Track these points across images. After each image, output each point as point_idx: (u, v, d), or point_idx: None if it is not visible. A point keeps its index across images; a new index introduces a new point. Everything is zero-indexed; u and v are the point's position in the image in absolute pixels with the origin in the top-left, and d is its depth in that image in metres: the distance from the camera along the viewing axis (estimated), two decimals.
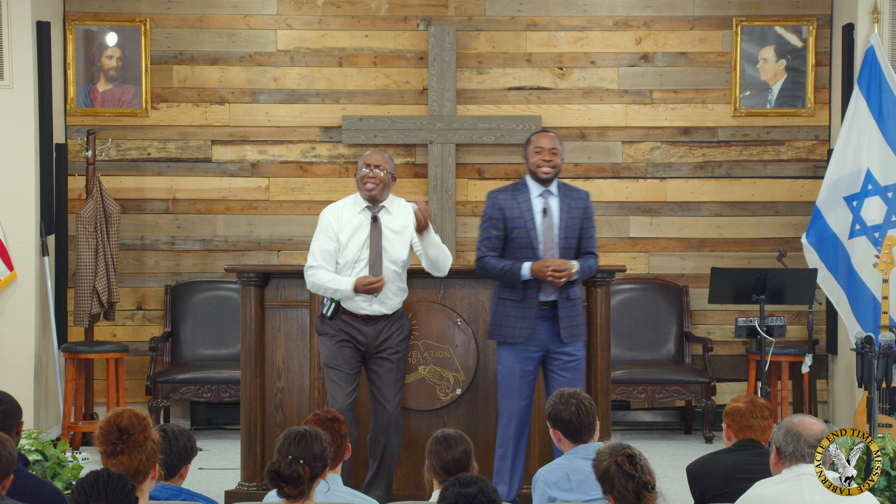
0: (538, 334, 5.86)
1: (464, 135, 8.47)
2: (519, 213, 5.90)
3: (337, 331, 5.92)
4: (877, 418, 5.98)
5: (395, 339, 5.93)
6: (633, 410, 8.68)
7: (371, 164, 5.95)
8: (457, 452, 4.27)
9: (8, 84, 7.85)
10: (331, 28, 8.61)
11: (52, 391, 8.17)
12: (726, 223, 8.63)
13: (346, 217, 5.97)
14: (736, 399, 4.77)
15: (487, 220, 5.96)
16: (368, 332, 5.91)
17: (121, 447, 3.65)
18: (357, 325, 5.91)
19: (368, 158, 5.99)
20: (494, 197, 5.99)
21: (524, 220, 5.88)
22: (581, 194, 6.02)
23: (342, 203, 6.05)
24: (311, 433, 3.91)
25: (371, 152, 6.03)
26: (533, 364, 5.89)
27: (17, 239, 7.88)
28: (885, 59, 7.78)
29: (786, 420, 4.12)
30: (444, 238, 8.43)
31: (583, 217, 5.95)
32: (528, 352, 5.87)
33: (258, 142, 8.61)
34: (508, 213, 5.91)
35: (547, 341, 5.87)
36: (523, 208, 5.90)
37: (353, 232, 5.93)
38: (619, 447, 3.79)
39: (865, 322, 7.55)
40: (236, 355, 7.43)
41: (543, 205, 5.89)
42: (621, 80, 8.62)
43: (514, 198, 5.93)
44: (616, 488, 3.73)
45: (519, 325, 5.86)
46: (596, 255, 6.01)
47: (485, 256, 5.94)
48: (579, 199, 5.98)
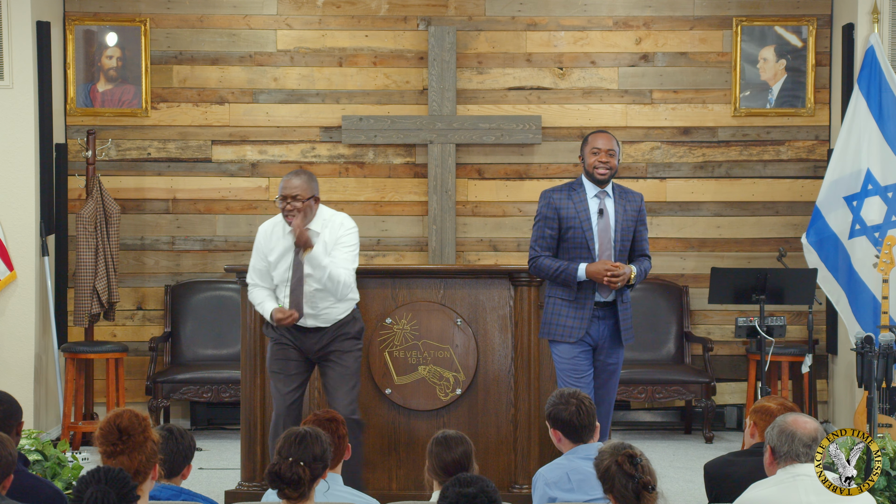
0: (593, 333, 5.82)
1: (464, 135, 8.47)
2: (575, 213, 5.83)
3: (280, 335, 5.92)
4: (877, 418, 5.98)
5: (338, 344, 5.87)
6: (633, 410, 8.68)
7: (287, 197, 5.78)
8: (457, 454, 4.27)
9: (8, 84, 7.85)
10: (331, 28, 8.61)
11: (52, 391, 8.17)
12: (726, 223, 8.63)
13: (276, 238, 5.90)
14: (767, 398, 4.73)
15: (542, 220, 5.88)
16: (308, 339, 5.88)
17: (120, 448, 3.65)
18: (298, 333, 5.89)
19: (285, 188, 5.80)
20: (549, 196, 5.90)
21: (580, 221, 5.82)
22: (635, 196, 5.97)
23: (272, 222, 5.96)
24: (312, 434, 3.90)
25: (287, 179, 5.83)
26: (587, 359, 5.82)
27: (17, 239, 7.88)
28: (885, 59, 7.78)
29: (779, 419, 4.09)
30: (444, 238, 8.45)
31: (637, 219, 5.92)
32: (582, 346, 5.80)
33: (258, 142, 8.61)
34: (564, 213, 5.84)
35: (597, 341, 5.83)
36: (579, 208, 5.83)
37: (280, 254, 5.87)
38: (621, 447, 3.80)
39: (865, 322, 7.54)
40: (236, 355, 7.43)
41: (599, 205, 5.83)
42: (621, 80, 8.62)
43: (569, 198, 5.85)
44: (616, 488, 3.74)
45: (574, 324, 5.80)
46: (649, 256, 5.98)
47: (539, 256, 5.87)
48: (633, 201, 5.93)
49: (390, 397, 6.36)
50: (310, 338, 5.89)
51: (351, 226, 5.92)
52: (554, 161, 8.57)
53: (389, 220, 8.60)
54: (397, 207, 8.60)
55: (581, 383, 5.76)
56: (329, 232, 5.87)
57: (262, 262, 5.93)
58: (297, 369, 5.92)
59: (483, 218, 8.60)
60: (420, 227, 8.59)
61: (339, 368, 5.87)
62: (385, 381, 6.36)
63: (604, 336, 5.83)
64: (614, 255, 5.83)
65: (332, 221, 5.90)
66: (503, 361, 6.36)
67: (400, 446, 6.38)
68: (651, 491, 3.71)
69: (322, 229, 5.86)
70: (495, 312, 6.38)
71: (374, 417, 6.37)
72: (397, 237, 8.61)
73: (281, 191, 5.82)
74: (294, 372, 5.92)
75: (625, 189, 5.98)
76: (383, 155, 8.58)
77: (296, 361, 5.92)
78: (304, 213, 5.79)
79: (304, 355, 5.92)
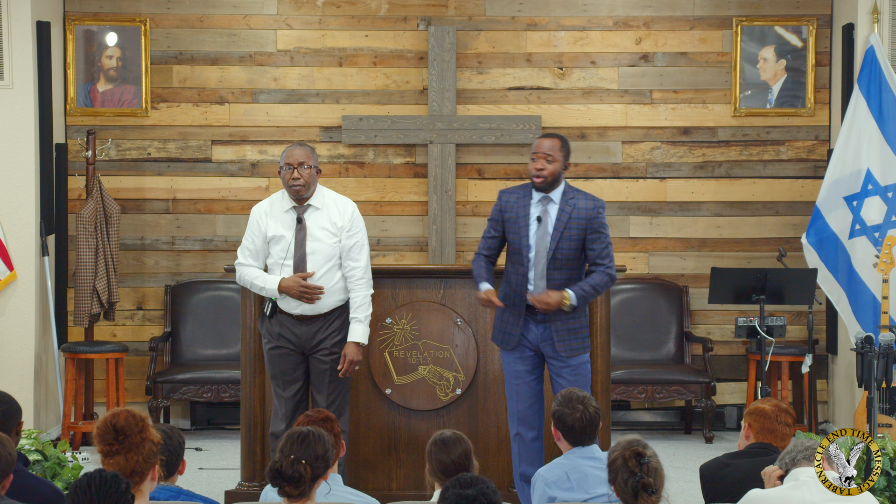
0: (529, 338, 5.72)
1: (464, 135, 8.47)
2: (516, 217, 5.72)
3: (273, 336, 5.91)
4: (877, 418, 5.98)
5: (331, 340, 5.87)
6: (633, 410, 8.68)
7: (293, 163, 5.80)
8: (456, 455, 4.27)
9: (8, 84, 7.85)
10: (331, 28, 8.61)
11: (52, 391, 8.17)
12: (726, 223, 8.63)
13: (274, 215, 5.90)
14: (762, 400, 4.73)
15: (490, 220, 5.86)
16: (302, 333, 5.87)
17: (116, 447, 3.63)
18: (291, 325, 5.88)
19: (290, 156, 5.81)
20: (500, 197, 5.83)
21: (519, 226, 5.71)
22: (590, 203, 5.70)
23: (270, 201, 5.96)
24: (315, 434, 3.90)
25: (292, 148, 5.86)
26: (527, 364, 5.73)
27: (17, 239, 7.88)
28: (885, 59, 7.78)
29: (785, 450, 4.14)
30: (444, 238, 8.45)
31: (586, 228, 5.66)
32: (522, 352, 5.73)
33: (258, 142, 8.61)
34: (507, 216, 5.76)
35: (538, 344, 5.72)
36: (520, 213, 5.71)
37: (279, 231, 5.87)
38: (635, 442, 3.80)
39: (865, 322, 7.54)
40: (236, 355, 7.42)
41: (539, 212, 5.70)
42: (621, 80, 8.62)
43: (517, 201, 5.75)
44: (617, 481, 3.75)
45: (508, 330, 5.74)
46: (606, 265, 5.67)
47: (478, 254, 5.85)
48: (585, 209, 5.67)
49: (390, 397, 6.36)
50: (304, 331, 5.88)
51: (353, 207, 5.96)
52: None
53: (389, 220, 8.60)
54: (397, 207, 8.60)
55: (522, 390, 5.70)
56: (338, 214, 5.88)
57: (259, 241, 5.91)
58: (293, 372, 5.92)
59: (483, 218, 8.58)
60: (420, 227, 8.59)
61: (326, 367, 5.87)
62: (385, 381, 6.36)
63: (544, 341, 5.69)
64: (546, 265, 5.64)
65: (340, 204, 5.91)
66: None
67: (400, 446, 6.38)
68: (650, 494, 3.70)
69: (323, 207, 5.87)
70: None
71: (374, 417, 6.37)
72: (397, 237, 8.61)
73: (286, 159, 5.81)
74: (289, 378, 5.91)
75: (579, 194, 5.74)
76: (383, 155, 8.58)
77: (290, 365, 5.92)
78: (310, 183, 5.82)
79: (299, 353, 5.92)
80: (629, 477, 3.73)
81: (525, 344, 5.73)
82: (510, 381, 5.79)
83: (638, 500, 3.72)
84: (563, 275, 5.67)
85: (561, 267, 5.68)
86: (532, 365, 5.76)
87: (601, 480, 4.51)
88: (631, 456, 3.74)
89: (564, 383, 5.64)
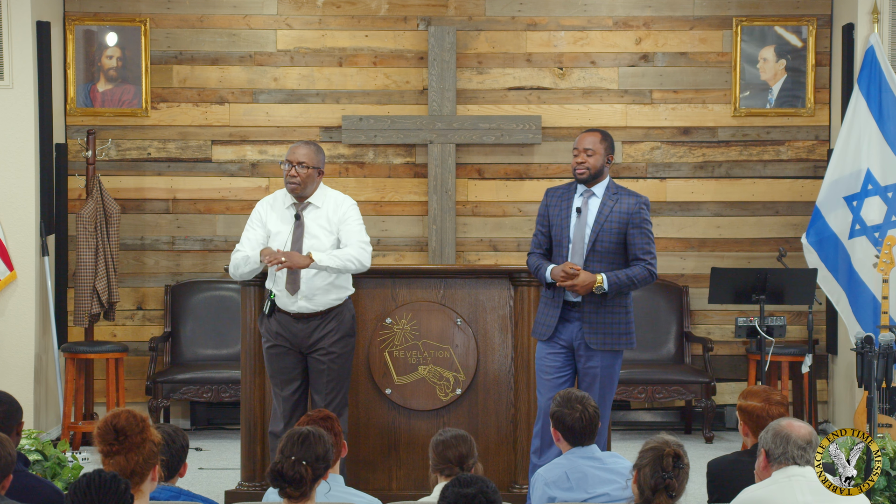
0: (564, 334, 5.74)
1: (464, 135, 8.47)
2: (558, 211, 5.80)
3: (272, 335, 5.93)
4: (877, 418, 5.98)
5: (329, 340, 5.88)
6: (633, 410, 8.68)
7: (293, 161, 5.87)
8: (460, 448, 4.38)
9: (8, 84, 7.85)
10: (331, 28, 8.61)
11: (52, 391, 8.17)
12: (726, 223, 8.63)
13: (276, 210, 5.97)
14: (750, 394, 4.70)
15: (538, 217, 5.92)
16: (300, 331, 5.88)
17: (117, 448, 3.64)
18: (289, 324, 5.90)
19: (292, 153, 5.89)
20: (546, 194, 5.91)
21: (561, 219, 5.78)
22: (633, 199, 5.76)
23: (274, 196, 6.05)
24: (315, 434, 3.90)
25: (298, 145, 5.93)
26: (558, 360, 5.73)
27: (17, 239, 7.88)
28: (885, 59, 7.78)
29: (773, 423, 4.10)
30: (444, 238, 8.45)
31: (627, 222, 5.70)
32: (553, 347, 5.75)
33: (258, 142, 8.61)
34: (552, 211, 5.83)
35: (572, 341, 5.74)
36: (563, 206, 5.80)
37: (279, 225, 5.93)
38: (675, 443, 3.80)
39: (865, 322, 7.55)
40: (236, 355, 7.43)
41: (580, 204, 5.76)
42: (621, 80, 8.62)
43: (562, 196, 5.84)
44: (643, 471, 3.74)
45: (546, 321, 5.77)
46: (646, 261, 5.70)
47: (531, 253, 5.88)
48: (627, 204, 5.74)
49: (390, 397, 6.36)
50: (301, 329, 5.88)
51: (351, 202, 6.01)
52: (554, 161, 8.57)
53: (389, 220, 8.60)
54: (397, 207, 8.60)
55: (551, 384, 5.70)
56: (332, 208, 5.93)
57: (261, 232, 5.95)
58: (292, 372, 5.93)
59: (483, 218, 8.60)
60: (420, 227, 8.59)
61: (324, 367, 5.88)
62: (385, 381, 6.36)
63: (577, 338, 5.73)
64: (584, 256, 5.70)
65: (334, 198, 5.97)
66: (503, 361, 6.37)
67: (400, 446, 6.38)
68: (670, 496, 3.71)
69: (323, 206, 5.93)
70: (495, 312, 6.38)
71: (374, 417, 6.37)
72: (397, 237, 8.61)
73: (288, 155, 5.90)
74: (288, 378, 5.92)
75: (624, 191, 5.84)
76: (383, 155, 8.58)
77: (288, 366, 5.93)
78: (307, 182, 5.87)
79: (297, 352, 5.92)
80: (660, 472, 3.72)
81: (558, 339, 5.74)
82: (540, 374, 5.80)
83: (655, 495, 3.73)
84: (602, 267, 5.70)
85: (601, 260, 5.71)
86: (562, 362, 5.75)
87: (601, 480, 4.53)
88: (670, 454, 3.74)
89: (587, 380, 5.68)
